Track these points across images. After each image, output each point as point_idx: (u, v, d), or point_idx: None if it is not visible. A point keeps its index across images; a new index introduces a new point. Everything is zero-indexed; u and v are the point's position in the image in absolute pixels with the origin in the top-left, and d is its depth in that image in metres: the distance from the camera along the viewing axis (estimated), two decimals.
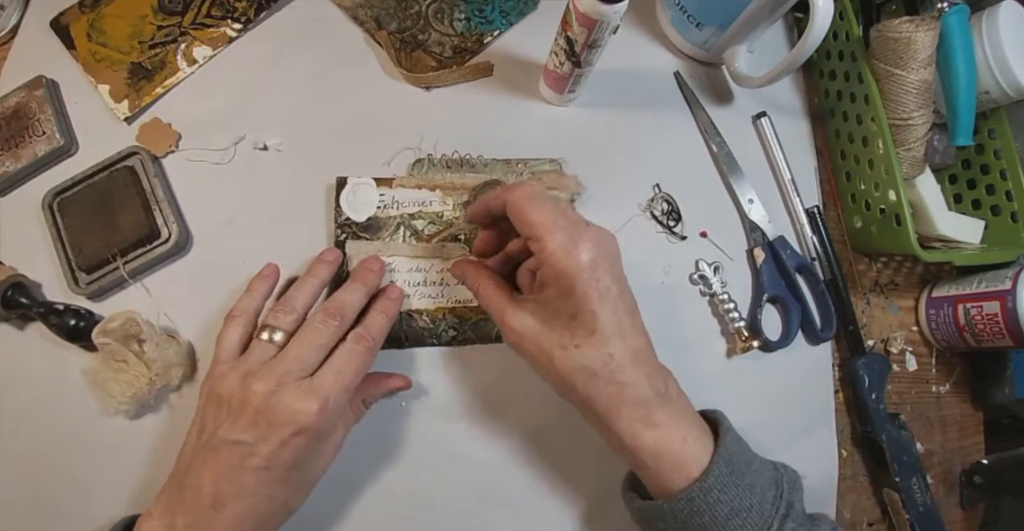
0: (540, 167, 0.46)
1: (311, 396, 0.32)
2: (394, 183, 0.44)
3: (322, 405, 0.32)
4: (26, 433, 0.40)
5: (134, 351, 0.39)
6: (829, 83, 0.51)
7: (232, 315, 0.37)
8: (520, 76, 0.48)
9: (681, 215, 0.47)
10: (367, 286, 0.39)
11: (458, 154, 0.46)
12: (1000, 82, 0.44)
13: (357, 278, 0.39)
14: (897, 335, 0.49)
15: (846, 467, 0.46)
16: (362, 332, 0.36)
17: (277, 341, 0.35)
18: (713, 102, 0.50)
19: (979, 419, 0.51)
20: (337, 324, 0.35)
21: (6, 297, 0.40)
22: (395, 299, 0.40)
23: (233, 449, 0.32)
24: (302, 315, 0.37)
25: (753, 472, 0.33)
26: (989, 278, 0.46)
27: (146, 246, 0.42)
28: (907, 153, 0.45)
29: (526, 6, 0.50)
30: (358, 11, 0.49)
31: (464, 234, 0.44)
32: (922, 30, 0.42)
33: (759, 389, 0.45)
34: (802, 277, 0.47)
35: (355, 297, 0.37)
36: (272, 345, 0.35)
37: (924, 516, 0.44)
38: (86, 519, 0.38)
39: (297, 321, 0.36)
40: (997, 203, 0.48)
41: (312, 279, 0.39)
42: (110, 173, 0.43)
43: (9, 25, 0.48)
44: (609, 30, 0.38)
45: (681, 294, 0.46)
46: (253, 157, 0.45)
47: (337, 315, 0.36)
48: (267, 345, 0.35)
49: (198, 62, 0.47)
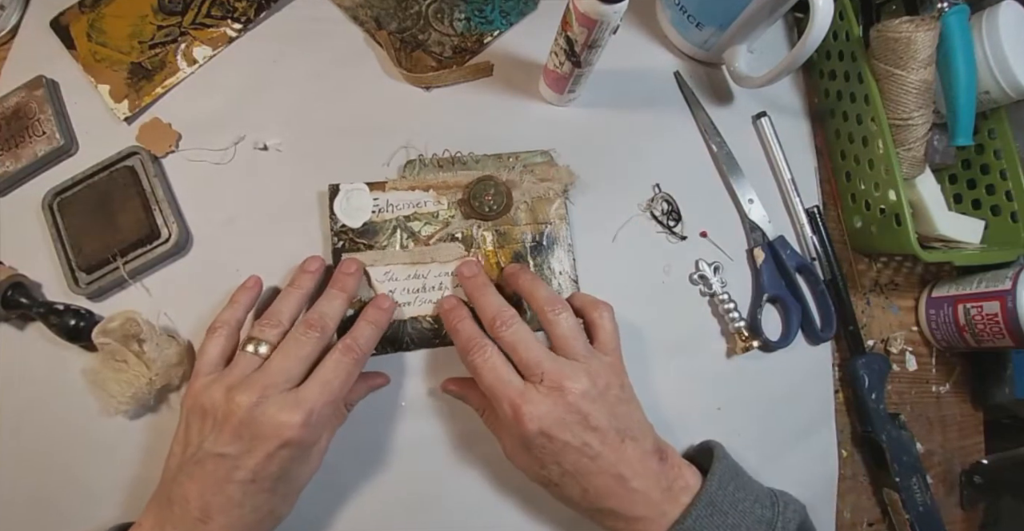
0: (532, 159, 0.46)
1: (295, 408, 0.32)
2: (387, 186, 0.44)
3: (306, 417, 0.32)
4: (26, 433, 0.40)
5: (134, 351, 0.39)
6: (829, 83, 0.51)
7: (214, 327, 0.37)
8: (520, 76, 0.48)
9: (681, 215, 0.47)
10: (346, 291, 0.39)
11: (448, 152, 0.46)
12: (1000, 82, 0.44)
13: (335, 284, 0.39)
14: (897, 335, 0.49)
15: (846, 467, 0.46)
16: (350, 343, 0.36)
17: (262, 353, 0.35)
18: (713, 102, 0.50)
19: (979, 419, 0.51)
20: (318, 335, 0.35)
21: (6, 297, 0.40)
22: (385, 309, 0.39)
23: (219, 462, 0.32)
24: (287, 327, 0.37)
25: (740, 513, 0.34)
26: (989, 278, 0.46)
27: (146, 246, 0.42)
28: (907, 153, 0.45)
29: (526, 6, 0.50)
30: (358, 11, 0.49)
31: (461, 232, 0.44)
32: (922, 30, 0.42)
33: (759, 389, 0.45)
34: (802, 277, 0.47)
35: (335, 304, 0.38)
36: (257, 357, 0.35)
37: (924, 516, 0.44)
38: (86, 519, 0.38)
39: (282, 334, 0.36)
40: (997, 203, 0.48)
41: (295, 291, 0.39)
42: (110, 173, 0.43)
43: (9, 25, 0.48)
44: (609, 30, 0.38)
45: (681, 294, 0.46)
46: (253, 157, 0.45)
47: (318, 326, 0.36)
48: (251, 357, 0.35)
49: (198, 62, 0.47)
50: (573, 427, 0.33)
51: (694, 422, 0.42)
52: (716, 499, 0.34)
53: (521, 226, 0.44)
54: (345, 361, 0.35)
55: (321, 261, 0.41)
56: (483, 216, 0.43)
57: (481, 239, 0.44)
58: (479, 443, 0.41)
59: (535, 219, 0.44)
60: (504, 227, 0.44)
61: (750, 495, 0.35)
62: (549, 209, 0.44)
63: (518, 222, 0.44)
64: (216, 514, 0.31)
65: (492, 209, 0.43)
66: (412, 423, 0.42)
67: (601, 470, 0.33)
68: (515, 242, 0.44)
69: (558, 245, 0.44)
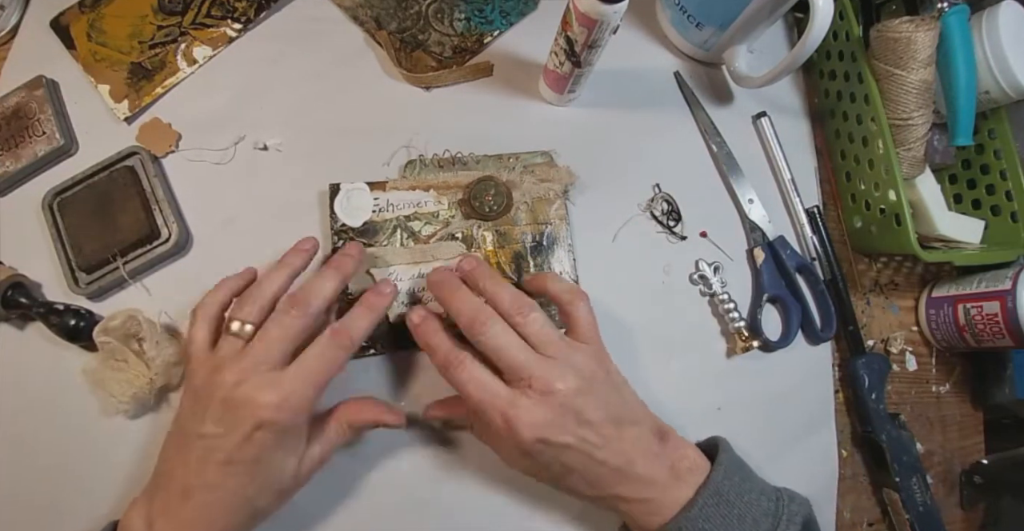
0: (532, 160, 0.46)
1: (271, 388, 0.32)
2: (387, 186, 0.44)
3: (283, 398, 0.31)
4: (26, 433, 0.40)
5: (134, 350, 0.39)
6: (829, 83, 0.51)
7: (194, 311, 0.36)
8: (520, 76, 0.48)
9: (681, 215, 0.47)
10: (341, 272, 0.36)
11: (449, 153, 0.46)
12: (1000, 82, 0.44)
13: (331, 264, 0.37)
14: (897, 335, 0.49)
15: (846, 467, 0.46)
16: (339, 328, 0.34)
17: (246, 332, 0.34)
18: (713, 102, 0.50)
19: (979, 419, 0.51)
20: (302, 313, 0.34)
21: (6, 297, 0.40)
22: (384, 294, 0.37)
23: (199, 443, 0.32)
24: (269, 305, 0.35)
25: (745, 503, 0.34)
26: (989, 278, 0.46)
27: (146, 246, 0.42)
28: (907, 153, 0.45)
29: (526, 6, 0.50)
30: (358, 11, 0.49)
31: (461, 232, 0.44)
32: (922, 30, 0.42)
33: (759, 389, 0.45)
34: (802, 277, 0.47)
35: (327, 284, 0.35)
36: (239, 338, 0.34)
37: (924, 516, 0.44)
38: (86, 519, 0.38)
39: (263, 310, 0.35)
40: (997, 203, 0.48)
41: (283, 268, 0.37)
42: (110, 173, 0.43)
43: (9, 25, 0.48)
44: (609, 30, 0.38)
45: (681, 294, 0.46)
46: (253, 157, 0.45)
47: (302, 303, 0.34)
48: (233, 339, 0.34)
49: (198, 62, 0.47)
50: (569, 426, 0.33)
51: (694, 422, 0.42)
52: (722, 489, 0.34)
53: (521, 226, 0.44)
54: (332, 345, 0.34)
55: (315, 241, 0.39)
56: (483, 216, 0.43)
57: (481, 239, 0.44)
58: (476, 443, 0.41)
59: (535, 219, 0.44)
60: (504, 227, 0.44)
61: (755, 487, 0.35)
62: (549, 209, 0.44)
63: (518, 222, 0.44)
64: (195, 492, 0.32)
65: (492, 209, 0.43)
66: (414, 423, 0.41)
67: (603, 461, 0.33)
68: (515, 242, 0.44)
69: (558, 245, 0.44)
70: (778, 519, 0.34)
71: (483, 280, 0.37)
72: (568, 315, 0.37)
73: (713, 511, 0.33)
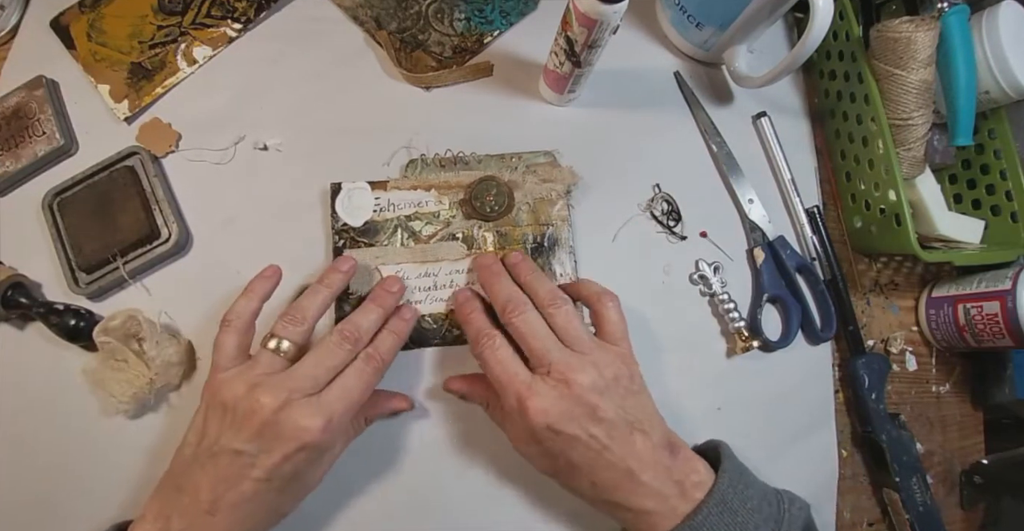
0: (535, 160, 0.46)
1: (317, 413, 0.32)
2: (389, 185, 0.44)
3: (326, 422, 0.32)
4: (26, 433, 0.40)
5: (134, 350, 0.39)
6: (829, 83, 0.51)
7: (228, 319, 0.36)
8: (520, 76, 0.48)
9: (681, 215, 0.47)
10: (383, 308, 0.38)
11: (451, 152, 0.46)
12: (1000, 82, 0.44)
13: (375, 299, 0.39)
14: (897, 335, 0.49)
15: (846, 467, 0.46)
16: (372, 353, 0.36)
17: (285, 351, 0.35)
18: (713, 102, 0.50)
19: (979, 419, 0.51)
20: (351, 348, 0.36)
21: (6, 297, 0.40)
22: (408, 320, 0.39)
23: (234, 458, 0.32)
24: (311, 326, 0.37)
25: (748, 511, 0.34)
26: (989, 278, 0.46)
27: (146, 246, 0.42)
28: (907, 153, 0.45)
29: (526, 6, 0.50)
30: (358, 11, 0.49)
31: (462, 233, 0.44)
32: (922, 30, 0.42)
33: (759, 389, 0.45)
34: (802, 277, 0.47)
35: (371, 318, 0.37)
36: (280, 357, 0.35)
37: (924, 516, 0.44)
38: (86, 519, 0.38)
39: (307, 333, 0.36)
40: (997, 203, 0.48)
41: (324, 289, 0.38)
42: (110, 173, 0.43)
43: (9, 25, 0.48)
44: (609, 30, 0.38)
45: (681, 294, 0.46)
46: (253, 157, 0.45)
47: (352, 338, 0.36)
48: (274, 356, 0.35)
49: (198, 62, 0.47)
50: (580, 420, 0.33)
51: (694, 422, 0.42)
52: (727, 497, 0.34)
53: (523, 227, 0.44)
54: (367, 370, 0.35)
55: (353, 262, 0.40)
56: (484, 216, 0.43)
57: (482, 240, 0.44)
58: (482, 443, 0.41)
59: (537, 220, 0.44)
60: (505, 228, 0.44)
61: (757, 493, 0.35)
62: (551, 210, 0.44)
63: (520, 223, 0.44)
64: (225, 508, 0.32)
65: (493, 210, 0.43)
66: (415, 422, 0.41)
67: (609, 463, 0.33)
68: (516, 243, 0.44)
69: (559, 246, 0.44)
70: (779, 524, 0.34)
71: (526, 273, 0.39)
72: (598, 314, 0.38)
73: (717, 519, 0.33)
